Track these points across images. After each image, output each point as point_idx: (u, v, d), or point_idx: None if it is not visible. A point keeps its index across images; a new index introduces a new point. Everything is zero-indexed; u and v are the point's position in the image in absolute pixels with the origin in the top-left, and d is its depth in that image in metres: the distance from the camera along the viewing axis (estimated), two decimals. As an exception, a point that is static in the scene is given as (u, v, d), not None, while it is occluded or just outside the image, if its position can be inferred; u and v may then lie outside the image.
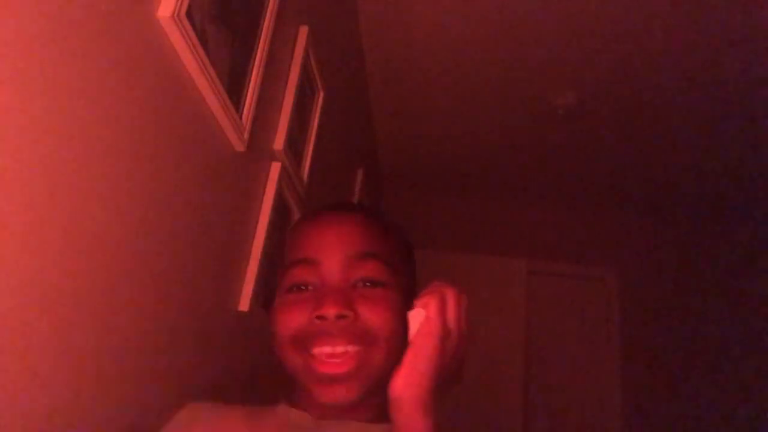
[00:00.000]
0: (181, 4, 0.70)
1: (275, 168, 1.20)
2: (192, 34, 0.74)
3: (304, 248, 0.60)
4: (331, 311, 0.54)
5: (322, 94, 1.51)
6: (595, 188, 3.16)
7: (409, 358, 0.51)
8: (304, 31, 1.31)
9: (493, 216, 3.38)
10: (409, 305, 0.56)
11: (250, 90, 0.98)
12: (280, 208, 1.26)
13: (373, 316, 0.56)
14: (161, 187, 0.74)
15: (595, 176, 3.02)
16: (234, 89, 0.91)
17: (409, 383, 0.50)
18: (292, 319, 0.57)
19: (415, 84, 2.40)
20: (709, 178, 2.85)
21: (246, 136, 0.97)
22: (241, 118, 0.95)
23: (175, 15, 0.69)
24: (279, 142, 1.20)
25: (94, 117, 0.58)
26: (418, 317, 0.54)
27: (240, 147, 0.97)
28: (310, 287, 0.59)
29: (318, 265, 0.59)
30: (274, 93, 1.19)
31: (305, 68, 1.34)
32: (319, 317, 0.55)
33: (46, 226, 0.53)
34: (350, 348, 0.55)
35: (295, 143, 1.32)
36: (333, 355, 0.55)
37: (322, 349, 0.55)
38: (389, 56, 2.23)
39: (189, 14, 0.73)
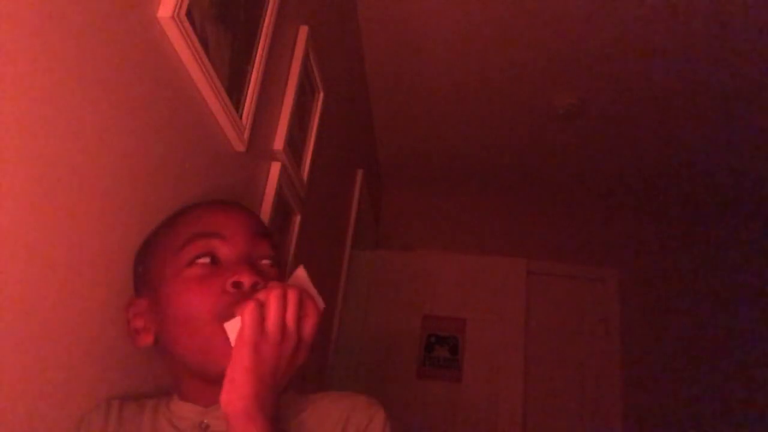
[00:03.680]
0: (181, 4, 0.70)
1: (275, 168, 1.20)
2: (192, 34, 0.74)
3: (207, 223, 0.61)
4: (248, 279, 0.56)
5: (322, 94, 1.51)
6: (595, 188, 3.16)
7: (228, 370, 0.50)
8: (304, 31, 1.31)
9: (493, 216, 3.38)
10: None
11: (250, 90, 0.98)
12: (280, 208, 1.27)
13: None
14: (161, 188, 0.74)
15: (596, 176, 3.02)
16: (234, 89, 0.91)
17: (231, 398, 0.49)
18: (208, 294, 0.55)
19: (415, 84, 2.40)
20: (709, 178, 2.85)
21: (246, 136, 0.97)
22: (241, 118, 0.95)
23: (175, 15, 0.69)
24: (279, 142, 1.20)
25: (92, 117, 0.58)
26: (235, 326, 0.52)
27: (240, 147, 0.97)
28: (208, 261, 0.58)
29: (224, 239, 0.59)
30: (274, 93, 1.19)
31: (305, 68, 1.34)
32: (236, 284, 0.55)
33: (43, 226, 0.53)
34: None
35: (295, 143, 1.32)
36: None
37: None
38: (389, 56, 2.23)
39: (189, 14, 0.73)
